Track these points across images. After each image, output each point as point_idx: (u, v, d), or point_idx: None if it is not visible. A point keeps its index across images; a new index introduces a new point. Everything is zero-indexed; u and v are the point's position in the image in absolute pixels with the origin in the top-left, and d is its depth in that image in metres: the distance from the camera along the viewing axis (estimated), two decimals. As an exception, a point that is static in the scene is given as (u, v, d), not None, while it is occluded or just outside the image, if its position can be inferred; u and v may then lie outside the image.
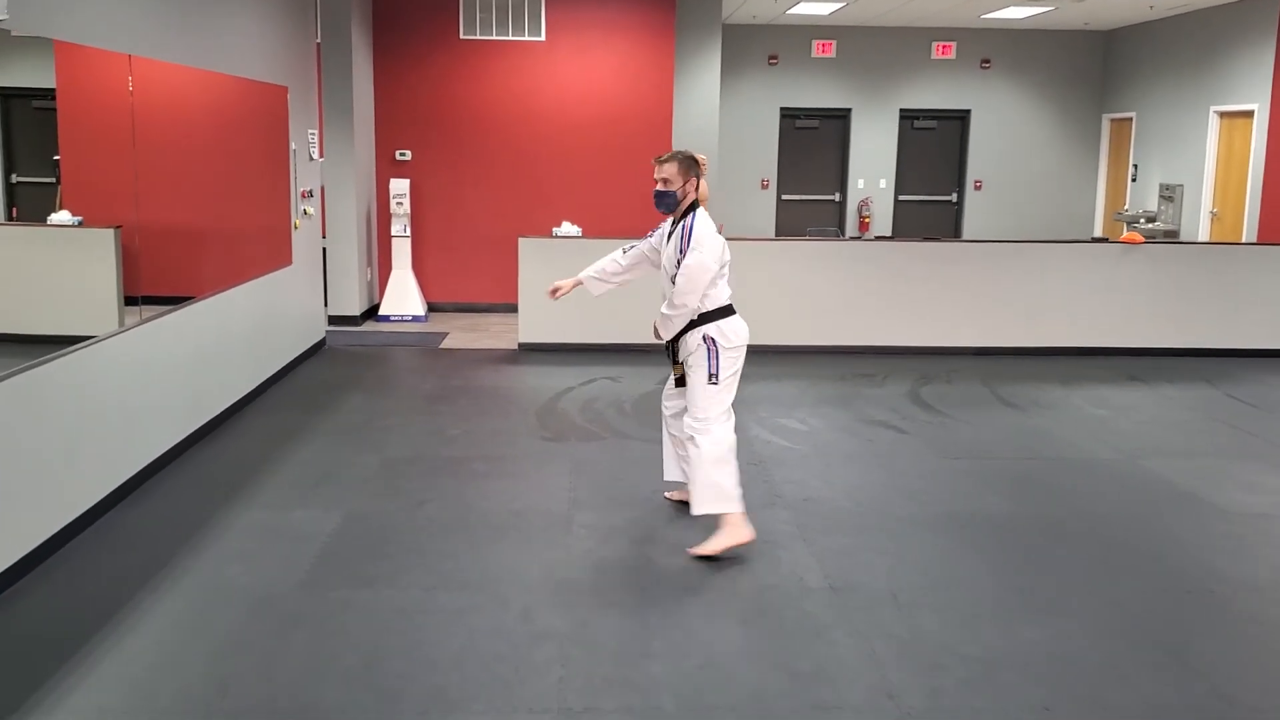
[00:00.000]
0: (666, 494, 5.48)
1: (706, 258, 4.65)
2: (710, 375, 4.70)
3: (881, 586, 4.39)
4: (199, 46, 6.35)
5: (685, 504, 5.22)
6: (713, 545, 4.69)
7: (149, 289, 5.67)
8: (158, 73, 5.80)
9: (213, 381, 6.55)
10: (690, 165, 4.78)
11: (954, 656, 3.81)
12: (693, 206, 4.81)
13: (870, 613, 4.15)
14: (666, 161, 4.76)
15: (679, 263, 4.70)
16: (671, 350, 4.90)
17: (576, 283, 5.24)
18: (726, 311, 4.76)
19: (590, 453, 6.26)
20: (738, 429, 5.99)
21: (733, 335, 4.74)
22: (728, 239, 4.96)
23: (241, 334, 7.08)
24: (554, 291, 5.18)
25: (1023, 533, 5.03)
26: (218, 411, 6.62)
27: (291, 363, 8.19)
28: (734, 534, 4.70)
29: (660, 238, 4.98)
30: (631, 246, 5.13)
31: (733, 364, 4.74)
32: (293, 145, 8.23)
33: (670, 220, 4.91)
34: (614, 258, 5.16)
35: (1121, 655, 3.84)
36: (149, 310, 5.64)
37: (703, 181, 4.88)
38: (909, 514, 5.26)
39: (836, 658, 3.80)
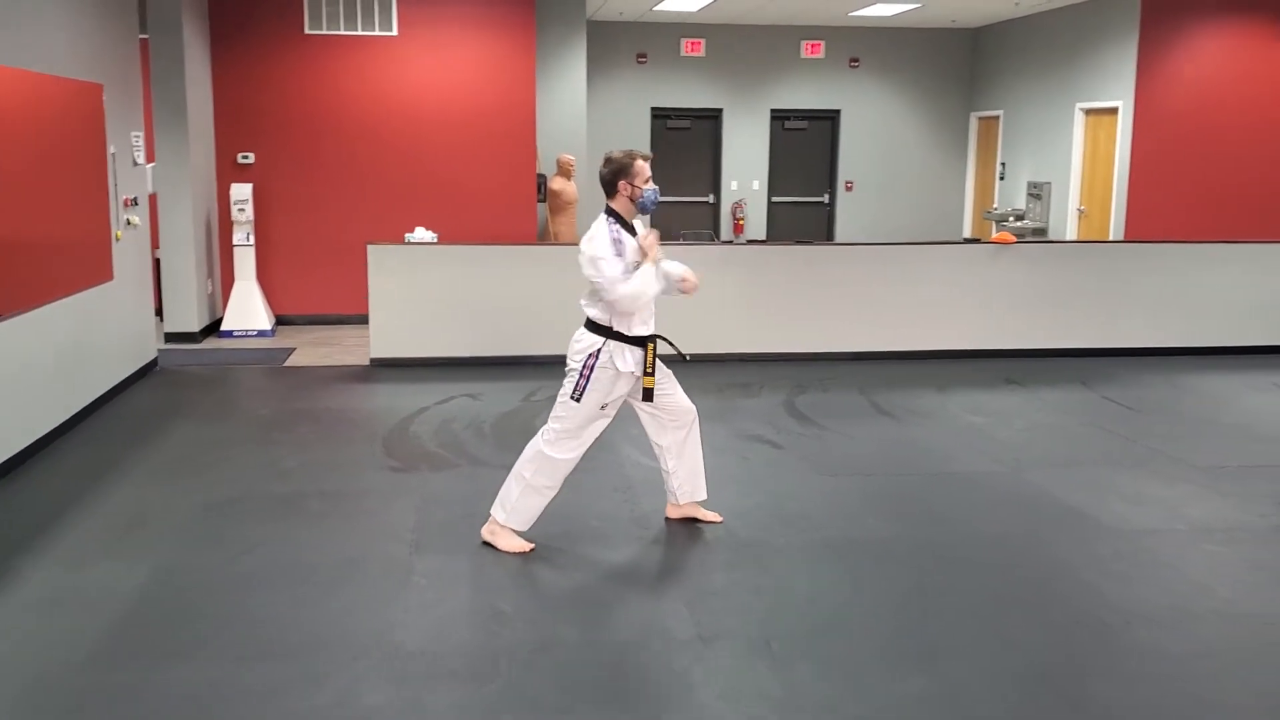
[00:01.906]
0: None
1: None
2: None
3: (756, 634, 3.95)
4: (-15, 38, 5.63)
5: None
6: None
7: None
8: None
9: (10, 415, 5.82)
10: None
11: (834, 718, 3.39)
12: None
13: (743, 667, 3.71)
14: (642, 159, 4.63)
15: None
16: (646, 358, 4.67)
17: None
18: (627, 339, 4.61)
19: (441, 484, 5.72)
20: (606, 446, 5.58)
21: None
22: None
23: (48, 360, 6.34)
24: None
25: (905, 561, 4.66)
26: (17, 450, 5.88)
27: (114, 388, 7.44)
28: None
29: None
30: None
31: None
32: (111, 149, 7.48)
33: (619, 225, 4.63)
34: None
35: (1017, 706, 3.47)
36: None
37: (570, 184, 4.58)
38: (786, 542, 4.85)
39: (705, 726, 3.35)
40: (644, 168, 4.60)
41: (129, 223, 7.81)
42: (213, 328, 10.00)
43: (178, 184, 9.35)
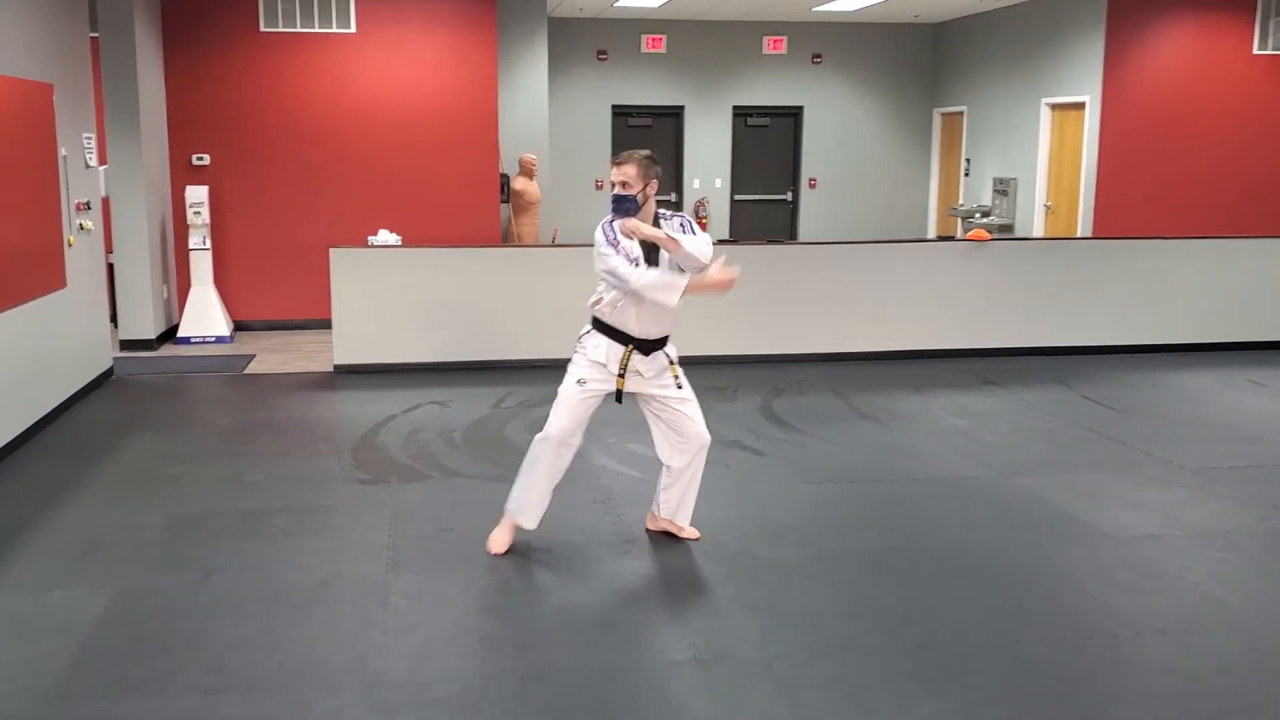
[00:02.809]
0: (496, 549, 4.78)
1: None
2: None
3: (755, 655, 3.77)
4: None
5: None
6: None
7: None
8: None
9: (-41, 432, 5.54)
10: (651, 166, 4.47)
11: (847, 745, 3.23)
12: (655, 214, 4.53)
13: (745, 691, 3.53)
14: (627, 163, 4.42)
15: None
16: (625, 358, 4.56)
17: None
18: (604, 328, 4.56)
19: (413, 496, 5.50)
20: (582, 456, 5.46)
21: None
22: (562, 244, 4.43)
23: (-2, 372, 6.05)
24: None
25: (903, 573, 4.51)
26: (-34, 467, 5.61)
27: (67, 401, 7.14)
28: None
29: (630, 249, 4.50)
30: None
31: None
32: (63, 151, 7.18)
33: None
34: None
35: (1034, 728, 3.33)
36: None
37: (533, 183, 4.41)
38: (778, 556, 4.68)
39: (710, 757, 3.17)
40: (613, 169, 4.49)
41: (82, 227, 7.50)
42: (169, 334, 9.69)
43: (131, 187, 9.03)
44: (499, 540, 4.71)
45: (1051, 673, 3.66)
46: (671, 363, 4.67)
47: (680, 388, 4.66)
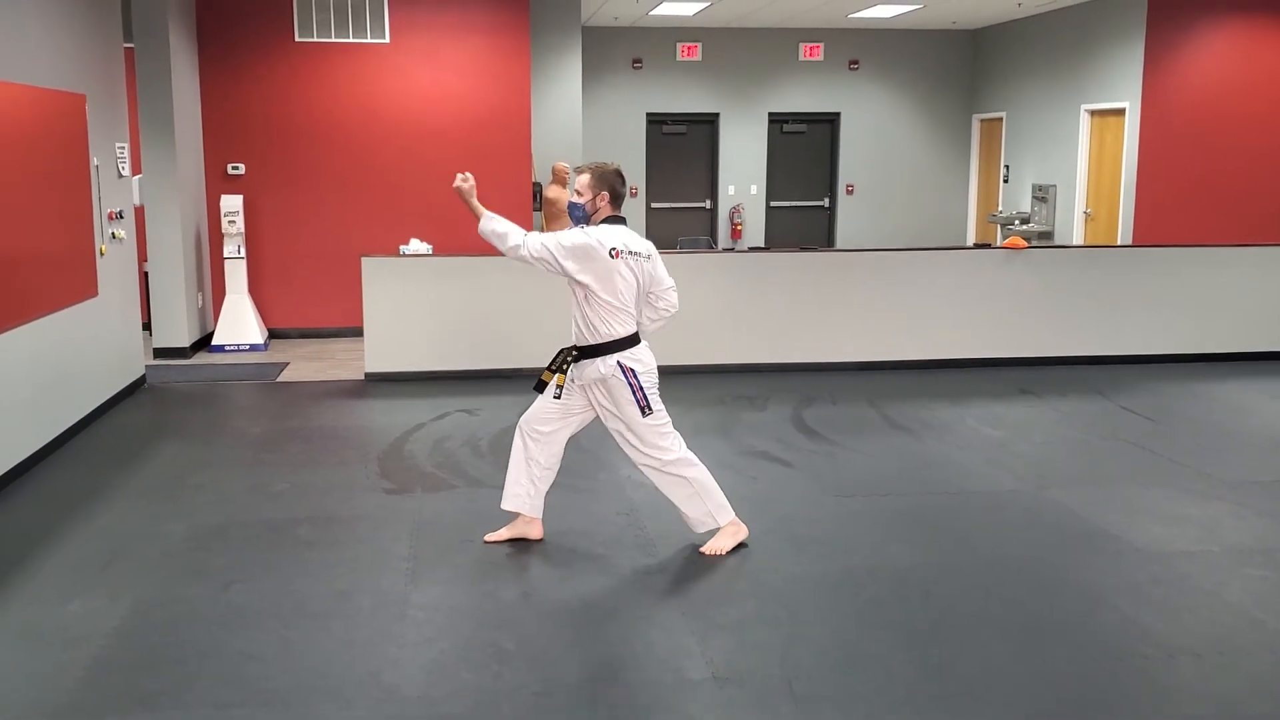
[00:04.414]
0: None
1: None
2: (641, 408, 4.59)
3: (775, 674, 3.70)
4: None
5: (514, 541, 4.92)
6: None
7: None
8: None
9: (-12, 440, 5.57)
10: (604, 179, 4.67)
11: (865, 768, 3.15)
12: (608, 222, 4.67)
13: (763, 711, 3.46)
14: (584, 172, 4.69)
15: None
16: (555, 361, 4.71)
17: None
18: (633, 340, 4.63)
19: (437, 506, 5.47)
20: (607, 467, 5.46)
21: (647, 359, 4.65)
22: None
23: (29, 379, 6.08)
24: None
25: (930, 590, 4.41)
26: (-2, 474, 5.64)
27: (99, 408, 7.19)
28: (738, 532, 4.81)
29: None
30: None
31: (654, 387, 4.66)
32: (95, 161, 7.23)
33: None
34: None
35: (1060, 752, 3.23)
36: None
37: (566, 192, 4.54)
38: (802, 572, 4.60)
39: (725, 779, 3.10)
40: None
41: (114, 236, 7.56)
42: (204, 342, 9.75)
43: (165, 196, 9.09)
44: (498, 531, 4.93)
45: (1080, 695, 3.55)
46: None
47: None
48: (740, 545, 4.81)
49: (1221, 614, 4.15)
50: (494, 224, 4.68)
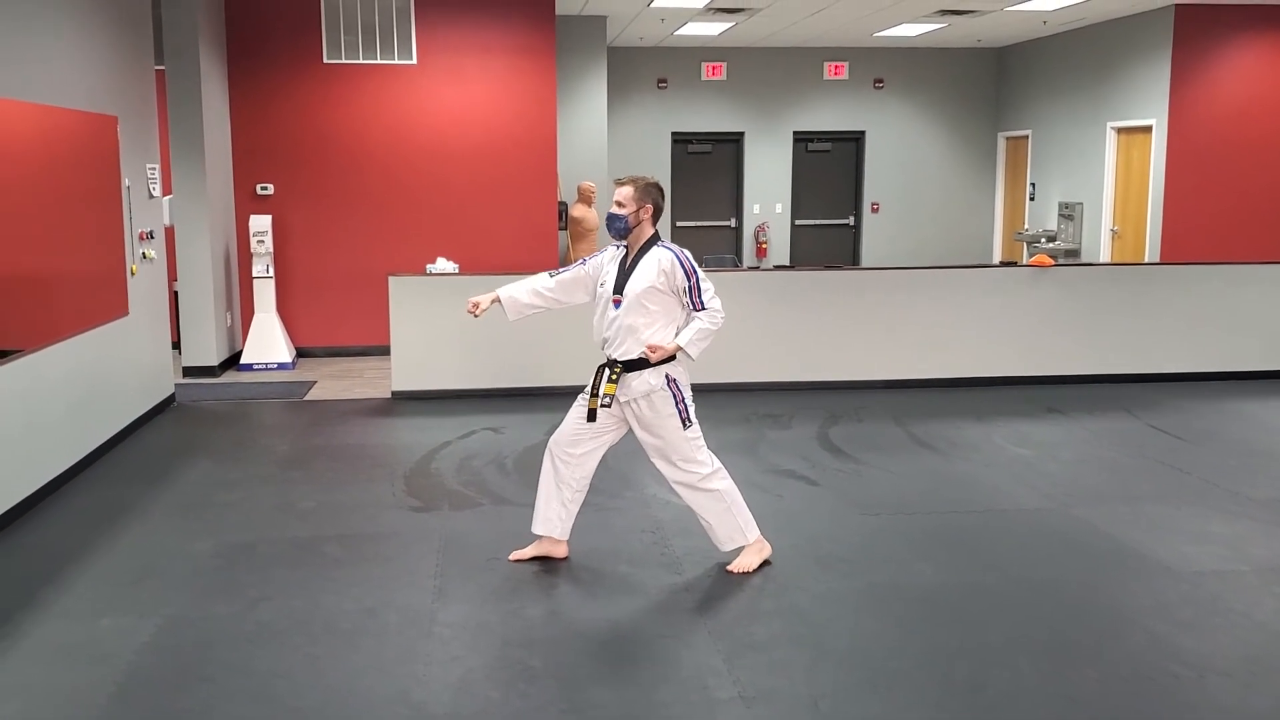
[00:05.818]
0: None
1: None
2: (683, 420, 4.63)
3: (801, 692, 3.69)
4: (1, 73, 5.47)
5: (540, 560, 4.92)
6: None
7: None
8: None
9: (20, 458, 5.63)
10: (648, 192, 4.60)
11: (892, 788, 3.14)
12: (655, 239, 4.65)
13: (789, 729, 3.46)
14: (625, 184, 4.60)
15: (691, 291, 4.59)
16: (597, 382, 4.63)
17: (494, 299, 4.77)
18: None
19: (463, 524, 5.49)
20: (633, 485, 5.49)
21: (684, 372, 4.69)
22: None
23: (61, 398, 6.15)
24: (474, 307, 4.75)
25: (957, 608, 4.40)
26: (30, 491, 5.69)
27: (130, 426, 7.26)
28: (763, 550, 4.82)
29: (600, 266, 4.72)
30: (560, 271, 4.79)
31: (691, 401, 4.69)
32: (126, 181, 7.33)
33: (621, 249, 4.70)
34: (540, 279, 4.82)
35: (1089, 773, 3.20)
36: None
37: (591, 210, 4.52)
38: (827, 589, 4.60)
39: (751, 798, 3.10)
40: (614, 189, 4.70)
41: (144, 256, 7.64)
42: (232, 360, 9.83)
43: (195, 216, 9.19)
44: (523, 550, 4.93)
45: (1108, 715, 3.53)
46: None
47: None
48: (765, 563, 4.82)
49: (1252, 633, 4.11)
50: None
